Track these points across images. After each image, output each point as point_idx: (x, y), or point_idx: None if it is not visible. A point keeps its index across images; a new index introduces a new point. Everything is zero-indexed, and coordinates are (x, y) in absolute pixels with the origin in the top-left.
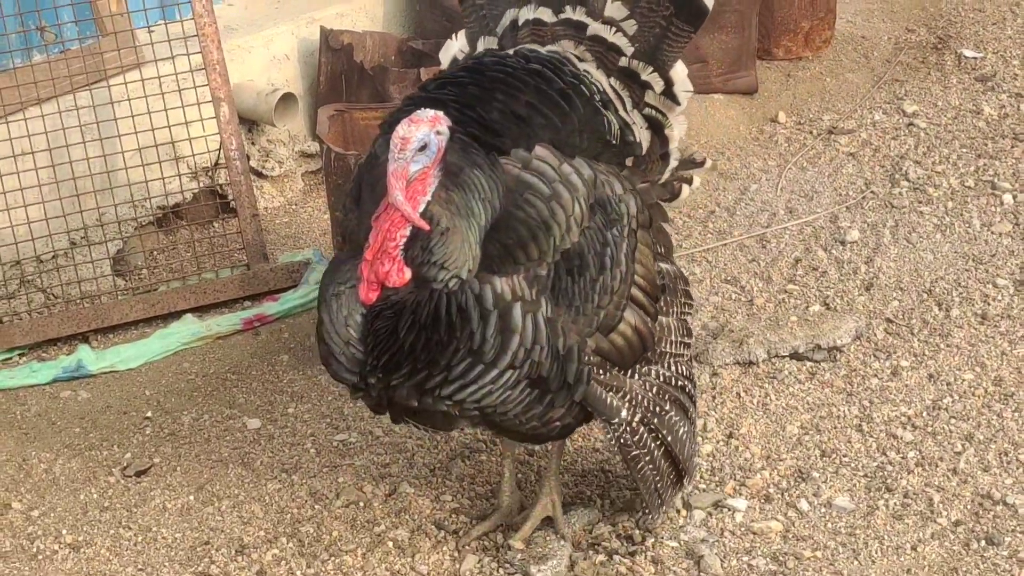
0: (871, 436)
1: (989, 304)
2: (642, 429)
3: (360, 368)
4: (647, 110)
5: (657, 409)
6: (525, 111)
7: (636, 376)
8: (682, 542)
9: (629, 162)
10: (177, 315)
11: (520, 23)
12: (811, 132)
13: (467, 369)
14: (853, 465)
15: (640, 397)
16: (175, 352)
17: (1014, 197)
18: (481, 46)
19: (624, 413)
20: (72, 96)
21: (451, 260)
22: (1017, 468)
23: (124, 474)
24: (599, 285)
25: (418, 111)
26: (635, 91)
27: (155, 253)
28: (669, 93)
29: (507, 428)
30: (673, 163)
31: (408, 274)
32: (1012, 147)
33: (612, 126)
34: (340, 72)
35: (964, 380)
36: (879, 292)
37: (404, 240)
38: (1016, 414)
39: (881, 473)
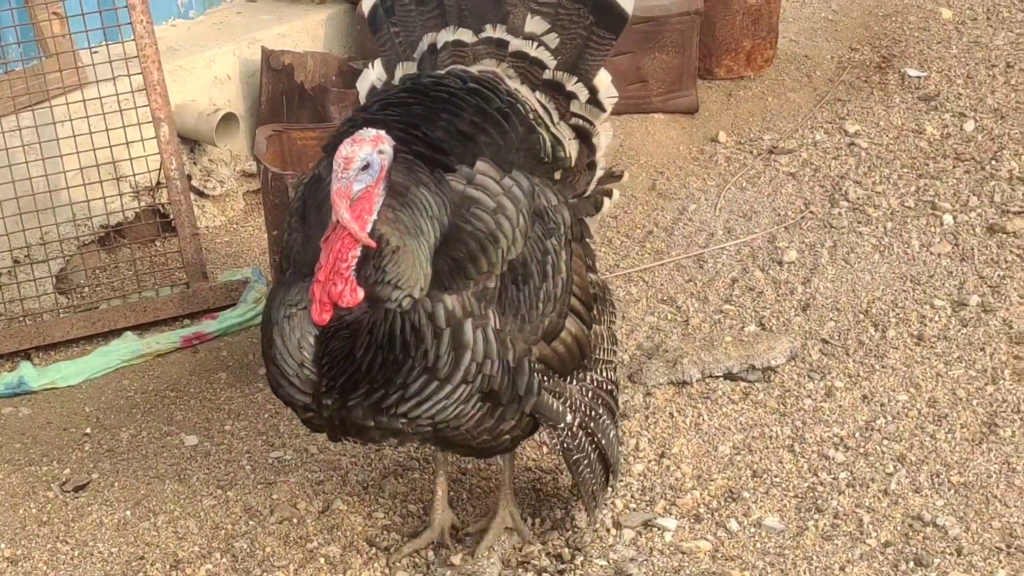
0: (803, 457)
1: (926, 325)
2: (580, 433)
3: (313, 389)
4: (574, 120)
5: (592, 413)
6: (469, 129)
7: (574, 382)
8: (611, 561)
9: (558, 175)
10: (118, 333)
11: (439, 46)
12: (751, 152)
13: (422, 386)
14: (784, 486)
15: (579, 402)
16: (115, 369)
17: (954, 218)
18: (399, 72)
19: (569, 418)
20: (15, 116)
21: (403, 279)
22: (948, 490)
23: (63, 489)
24: (543, 293)
25: (360, 131)
26: (561, 102)
27: (97, 271)
28: (594, 101)
29: (458, 443)
30: (599, 172)
31: (361, 294)
32: (954, 167)
33: (545, 144)
34: (281, 92)
35: (898, 401)
36: (815, 313)
37: (356, 260)
38: (949, 436)
39: (812, 494)
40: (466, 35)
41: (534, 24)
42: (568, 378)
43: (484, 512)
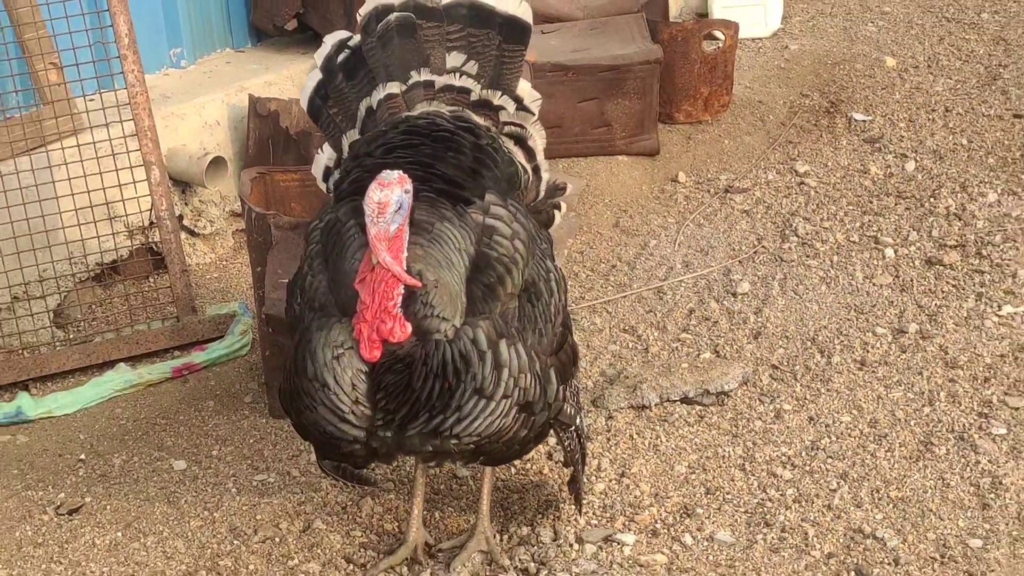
0: (753, 475)
1: (868, 351)
2: (575, 434)
3: (368, 423)
4: (508, 128)
5: (580, 412)
6: (473, 164)
7: (568, 388)
8: (574, 574)
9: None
10: (111, 364)
11: (375, 107)
12: (709, 191)
13: (473, 407)
14: (735, 502)
15: (575, 404)
16: (109, 399)
17: (895, 251)
18: (345, 144)
19: (578, 420)
20: (14, 161)
21: (446, 310)
22: (887, 504)
23: (57, 512)
24: (551, 309)
25: (383, 174)
26: (493, 117)
27: (93, 306)
28: (522, 107)
29: (495, 455)
30: (545, 175)
31: (409, 329)
32: (895, 204)
33: (522, 177)
34: (268, 137)
35: (842, 422)
36: (766, 340)
37: (400, 298)
38: (888, 454)
39: (761, 509)
40: (395, 87)
41: (453, 59)
42: (566, 384)
43: (456, 532)
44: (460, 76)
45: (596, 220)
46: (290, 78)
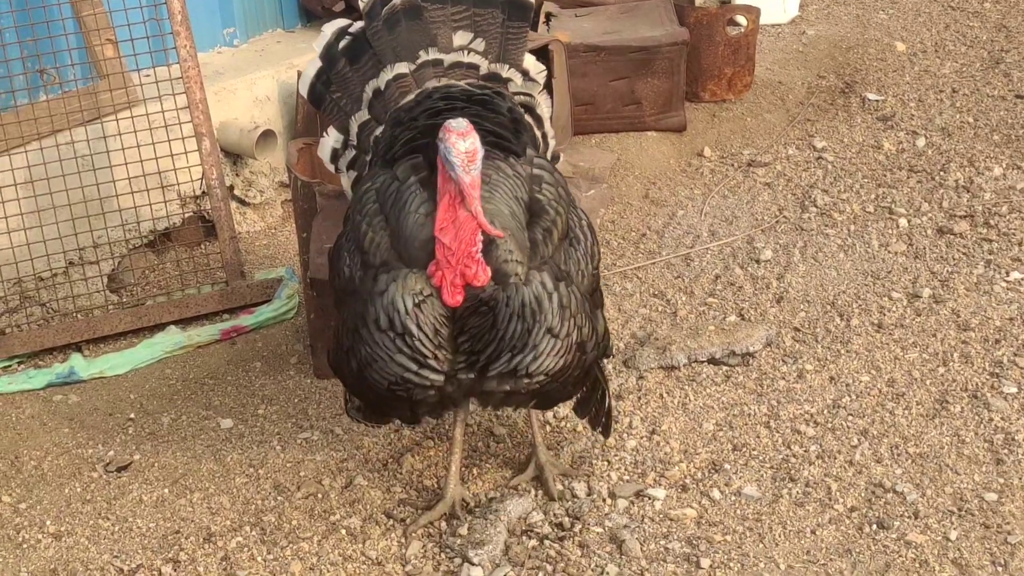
0: (777, 432)
1: (885, 315)
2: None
3: (450, 367)
4: (518, 98)
5: None
6: (512, 126)
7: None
8: (606, 528)
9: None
10: (162, 327)
11: (383, 88)
12: (732, 165)
13: (547, 345)
14: (761, 458)
15: None
16: (159, 360)
17: (908, 221)
18: (353, 126)
19: (612, 349)
20: (69, 132)
21: (518, 254)
22: (906, 460)
23: (107, 470)
24: (589, 253)
25: (454, 123)
26: (504, 89)
27: (146, 272)
28: (528, 78)
29: (551, 396)
30: (552, 142)
31: (489, 273)
32: (908, 178)
33: (538, 140)
34: (315, 112)
35: (861, 382)
36: (788, 304)
37: (481, 243)
38: (906, 411)
39: (786, 465)
40: (404, 67)
41: (460, 38)
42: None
43: (493, 487)
44: (468, 53)
45: (627, 192)
46: None
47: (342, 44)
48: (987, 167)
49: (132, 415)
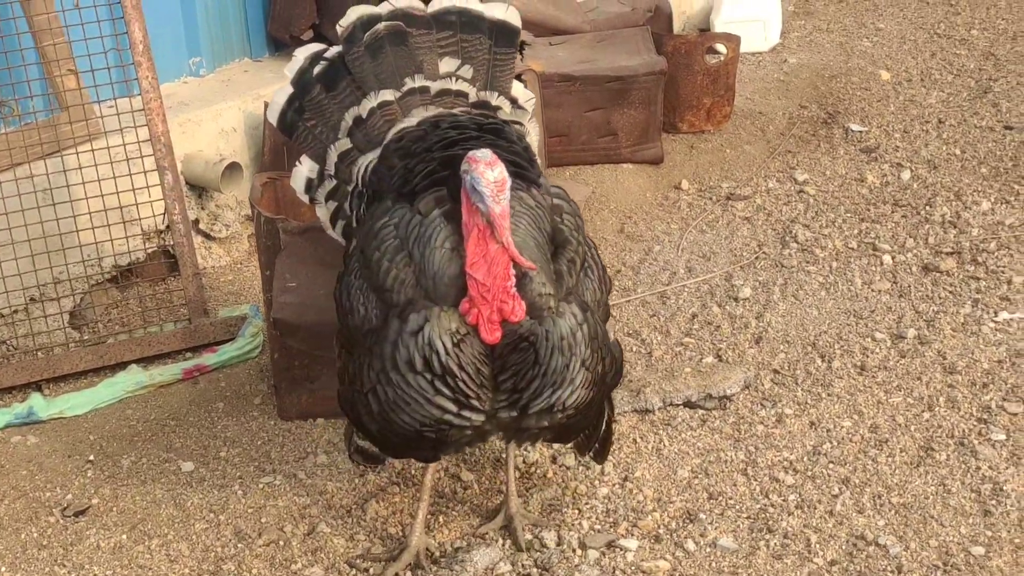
0: (755, 480)
1: (868, 356)
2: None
3: (490, 406)
4: (512, 126)
5: None
6: (525, 154)
7: None
8: None
9: None
10: (123, 365)
11: (366, 116)
12: (711, 198)
13: (582, 379)
14: (738, 507)
15: None
16: (120, 400)
17: (892, 258)
18: (332, 155)
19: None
20: (28, 166)
21: (550, 287)
22: (889, 511)
23: (64, 514)
24: (600, 281)
25: (479, 154)
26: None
27: (108, 308)
28: (517, 106)
29: (578, 428)
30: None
31: (524, 307)
32: (892, 212)
33: (536, 166)
34: (282, 143)
35: (843, 427)
36: (767, 345)
37: (515, 278)
38: (889, 459)
39: (763, 515)
40: (389, 94)
41: (446, 64)
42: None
43: (460, 536)
44: (456, 80)
45: (601, 226)
46: None
47: (317, 70)
48: (975, 201)
49: (91, 457)
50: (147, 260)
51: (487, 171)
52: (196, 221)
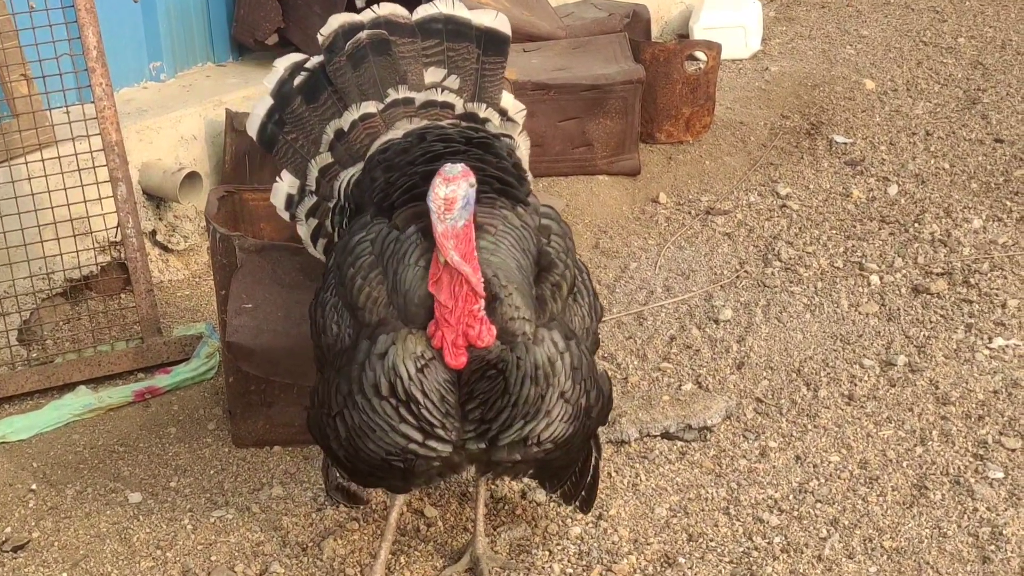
0: (738, 520)
1: (856, 385)
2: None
3: (457, 437)
4: (503, 139)
5: None
6: (515, 170)
7: None
8: None
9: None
10: (72, 386)
11: (347, 129)
12: (690, 212)
13: (560, 411)
14: (719, 551)
15: None
16: (67, 423)
17: (880, 278)
18: (313, 170)
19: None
20: None
21: (526, 311)
22: (882, 555)
23: (1, 549)
24: (591, 308)
25: (446, 168)
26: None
27: (60, 324)
28: (507, 118)
29: (559, 464)
30: (530, 177)
31: (494, 332)
32: (879, 229)
33: (526, 183)
34: (244, 152)
35: (830, 463)
36: (750, 371)
37: (484, 300)
38: (880, 499)
39: (747, 559)
40: (372, 106)
41: (432, 74)
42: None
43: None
44: (442, 91)
45: (576, 241)
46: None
47: (297, 81)
48: (965, 218)
49: (34, 486)
50: (100, 273)
51: (440, 187)
52: (153, 232)
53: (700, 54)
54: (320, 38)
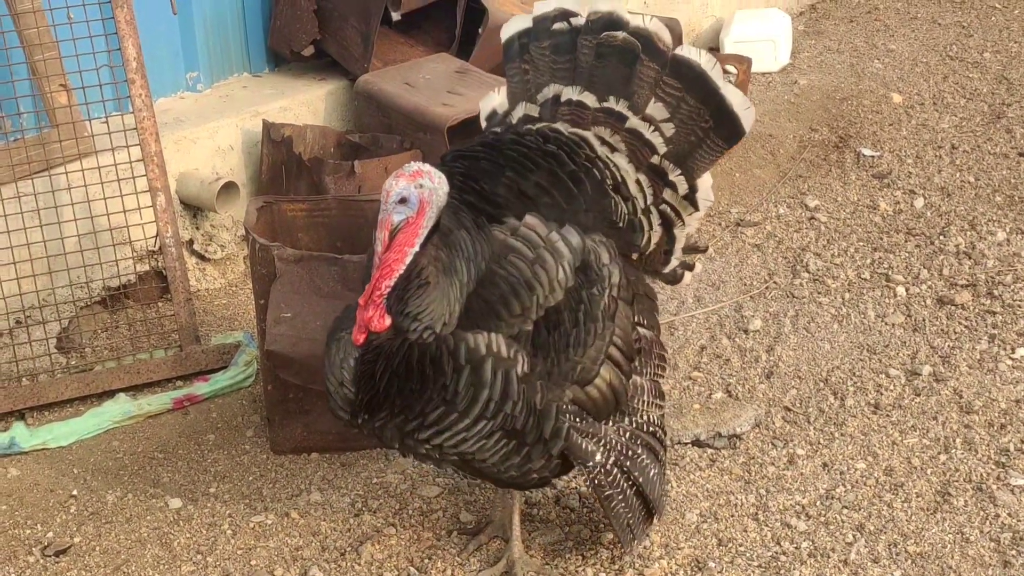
0: (766, 525)
1: (882, 394)
2: (615, 471)
3: (351, 407)
4: (663, 206)
5: (629, 452)
6: (533, 191)
7: (611, 423)
8: None
9: (634, 256)
10: (111, 394)
11: (563, 100)
12: (720, 224)
13: (441, 417)
14: (748, 555)
15: (614, 442)
16: (106, 431)
17: (907, 289)
18: (520, 111)
19: (599, 457)
20: (15, 185)
21: (425, 313)
22: (906, 560)
23: (44, 554)
24: (572, 339)
25: (405, 165)
26: (659, 188)
27: (98, 332)
28: (691, 198)
29: (488, 474)
30: (674, 262)
31: (388, 321)
32: (906, 241)
33: (619, 208)
34: (281, 163)
35: (857, 470)
36: (778, 380)
37: (388, 290)
38: (905, 505)
39: (775, 563)
40: (590, 99)
41: (655, 109)
42: (606, 420)
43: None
44: (653, 130)
45: None
46: (305, 103)
47: (556, 26)
48: (990, 231)
49: (75, 492)
50: (138, 282)
51: (387, 181)
52: (190, 241)
53: (731, 68)
54: (591, 14)
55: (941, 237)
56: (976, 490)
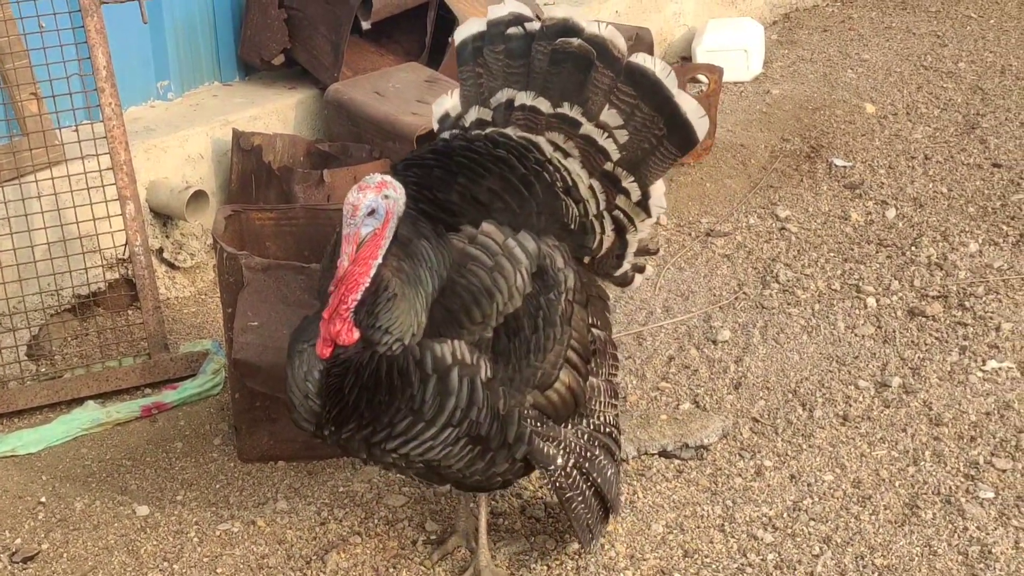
0: (732, 537)
1: (851, 405)
2: (575, 472)
3: (316, 419)
4: (616, 212)
5: (588, 454)
6: (486, 197)
7: (570, 426)
8: None
9: (586, 260)
10: (80, 401)
11: (516, 104)
12: (690, 234)
13: (408, 427)
14: (714, 566)
15: (573, 444)
16: (75, 438)
17: (877, 301)
18: (473, 114)
19: (560, 460)
20: None
21: (395, 325)
22: (873, 573)
23: (12, 560)
24: (533, 345)
25: (366, 177)
26: (611, 194)
27: (68, 339)
28: (643, 204)
29: (452, 479)
30: (626, 265)
31: (356, 334)
32: (877, 252)
33: (571, 210)
34: (250, 171)
35: (824, 481)
36: (747, 391)
37: (355, 303)
38: (873, 517)
39: (741, 575)
40: (544, 104)
41: (609, 116)
42: (565, 423)
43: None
44: (606, 136)
45: None
46: (275, 112)
47: (511, 31)
48: (962, 242)
49: (43, 498)
50: (108, 290)
51: (351, 192)
52: (160, 250)
53: (703, 77)
54: (537, 13)
55: (913, 248)
56: (945, 503)
